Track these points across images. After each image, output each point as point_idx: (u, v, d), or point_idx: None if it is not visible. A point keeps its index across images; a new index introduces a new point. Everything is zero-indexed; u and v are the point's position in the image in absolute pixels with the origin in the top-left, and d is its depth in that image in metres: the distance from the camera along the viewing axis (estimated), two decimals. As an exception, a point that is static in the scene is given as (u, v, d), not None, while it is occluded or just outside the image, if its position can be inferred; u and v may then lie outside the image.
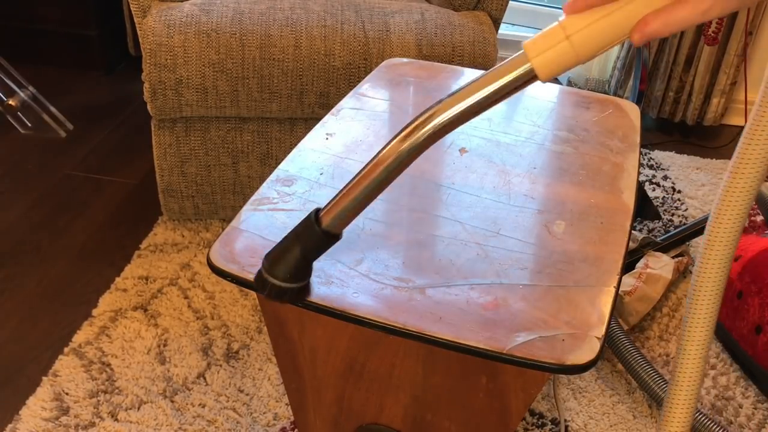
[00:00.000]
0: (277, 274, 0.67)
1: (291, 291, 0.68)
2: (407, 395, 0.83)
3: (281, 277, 0.68)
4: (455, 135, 1.01)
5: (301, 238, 0.67)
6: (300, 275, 0.69)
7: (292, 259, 0.67)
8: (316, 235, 0.66)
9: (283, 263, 0.68)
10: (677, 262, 1.54)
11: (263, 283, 0.68)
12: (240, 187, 1.60)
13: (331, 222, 0.66)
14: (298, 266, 0.68)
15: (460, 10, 1.60)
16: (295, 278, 0.68)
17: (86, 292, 1.47)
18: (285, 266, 0.67)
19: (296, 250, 0.67)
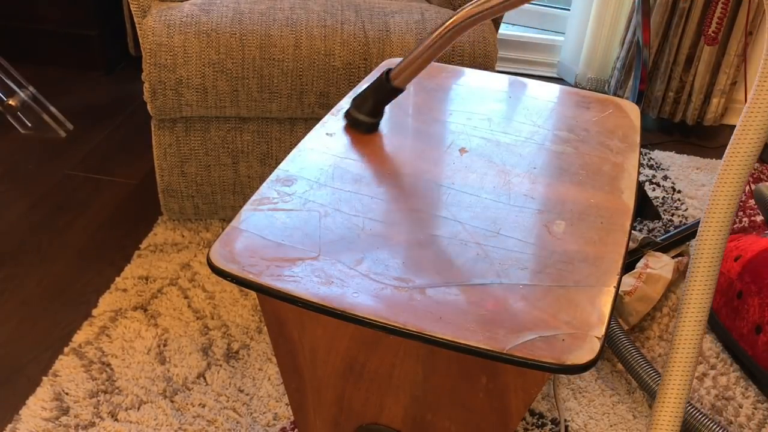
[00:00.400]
0: (360, 111, 1.00)
1: (367, 124, 1.00)
2: (407, 395, 0.83)
3: (365, 113, 0.99)
4: (455, 135, 1.02)
5: (375, 91, 0.98)
6: (376, 113, 1.00)
7: (369, 104, 0.99)
8: (388, 89, 0.97)
9: (365, 106, 0.99)
10: (677, 262, 1.54)
11: (349, 116, 1.00)
12: (240, 187, 1.60)
13: (398, 80, 0.96)
14: (374, 109, 1.00)
15: (460, 10, 1.59)
16: (371, 115, 1.00)
17: (86, 292, 1.47)
18: (365, 108, 0.99)
19: (371, 99, 0.99)
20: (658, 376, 1.26)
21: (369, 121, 0.99)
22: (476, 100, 1.12)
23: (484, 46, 1.48)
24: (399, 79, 0.95)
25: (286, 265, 0.76)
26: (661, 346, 1.43)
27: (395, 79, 0.95)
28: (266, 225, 0.81)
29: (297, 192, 0.87)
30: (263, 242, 0.79)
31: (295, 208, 0.84)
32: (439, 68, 1.23)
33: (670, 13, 2.09)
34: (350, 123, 1.00)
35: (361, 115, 0.99)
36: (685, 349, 0.78)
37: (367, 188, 0.89)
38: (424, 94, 1.13)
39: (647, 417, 1.28)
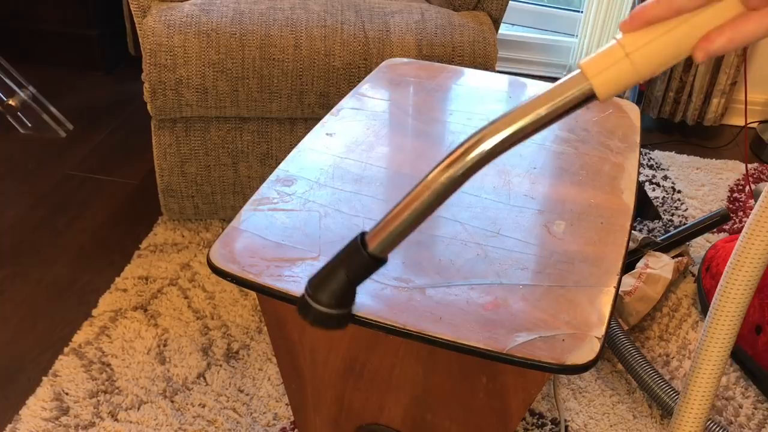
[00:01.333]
0: (321, 300, 0.65)
1: (337, 317, 0.67)
2: (407, 395, 0.83)
3: (326, 303, 0.65)
4: (455, 135, 1.02)
5: (345, 262, 0.65)
6: (345, 301, 0.67)
7: (337, 285, 0.65)
8: (363, 259, 0.64)
9: (328, 289, 0.65)
10: (677, 262, 1.54)
11: (307, 309, 0.66)
12: (240, 187, 1.60)
13: (378, 246, 0.63)
14: (343, 292, 0.66)
15: (460, 10, 1.60)
16: (340, 304, 0.66)
17: (86, 292, 1.47)
18: (329, 292, 0.65)
19: (341, 275, 0.65)
20: (658, 376, 1.26)
21: (334, 312, 0.66)
22: (476, 100, 1.12)
23: (484, 46, 1.48)
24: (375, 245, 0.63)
25: (286, 265, 0.76)
26: (661, 346, 1.43)
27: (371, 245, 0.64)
28: (266, 225, 0.81)
29: (297, 192, 0.87)
30: (263, 242, 0.79)
31: (295, 208, 0.84)
32: (439, 68, 1.23)
33: (670, 13, 2.09)
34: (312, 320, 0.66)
35: (323, 307, 0.66)
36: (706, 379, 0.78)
37: (367, 188, 0.89)
38: (424, 94, 1.13)
39: (647, 417, 1.28)
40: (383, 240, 0.63)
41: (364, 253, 0.63)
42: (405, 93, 1.13)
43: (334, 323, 0.67)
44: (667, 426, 1.26)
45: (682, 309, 1.52)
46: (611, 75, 0.54)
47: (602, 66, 0.54)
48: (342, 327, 0.68)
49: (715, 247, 1.55)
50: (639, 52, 0.53)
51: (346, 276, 0.65)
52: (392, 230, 0.62)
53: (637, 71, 0.54)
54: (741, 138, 2.21)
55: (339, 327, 0.68)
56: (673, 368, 1.38)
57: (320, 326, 0.67)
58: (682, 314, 1.51)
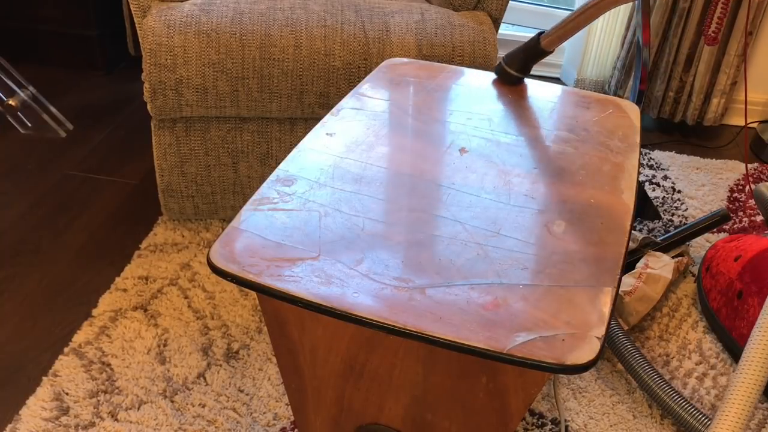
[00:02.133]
0: (511, 66, 1.17)
1: (514, 77, 1.17)
2: (407, 395, 0.83)
3: (513, 68, 1.17)
4: (455, 135, 1.02)
5: (526, 50, 1.17)
6: (522, 70, 1.17)
7: (520, 60, 1.17)
8: (538, 50, 1.17)
9: (515, 62, 1.17)
10: (677, 262, 1.54)
11: (500, 70, 1.19)
12: (240, 187, 1.60)
13: (546, 43, 1.16)
14: (522, 64, 1.17)
15: (460, 10, 1.60)
16: (520, 71, 1.17)
17: (86, 292, 1.47)
18: (516, 63, 1.17)
19: (522, 56, 1.17)
20: (658, 376, 1.26)
21: (516, 75, 1.16)
22: (476, 100, 1.12)
23: (483, 46, 1.48)
24: (548, 41, 1.14)
25: (286, 265, 0.76)
26: (661, 346, 1.43)
27: (545, 41, 1.14)
28: (266, 225, 0.81)
29: (297, 192, 0.87)
30: (263, 242, 0.79)
31: (295, 208, 0.84)
32: (439, 68, 1.23)
33: (670, 13, 2.10)
34: (499, 75, 1.18)
35: (510, 69, 1.16)
36: None
37: (367, 188, 0.89)
38: (424, 94, 1.13)
39: (647, 417, 1.28)
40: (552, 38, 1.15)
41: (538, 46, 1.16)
42: (405, 93, 1.13)
43: (513, 79, 1.18)
44: (667, 426, 1.27)
45: (682, 309, 1.52)
46: None
47: None
48: (518, 84, 1.18)
49: (715, 247, 1.55)
50: None
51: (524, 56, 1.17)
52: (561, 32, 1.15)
53: None
54: (741, 138, 2.21)
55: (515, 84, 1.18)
56: (673, 368, 1.38)
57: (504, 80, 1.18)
58: (682, 314, 1.51)
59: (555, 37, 1.14)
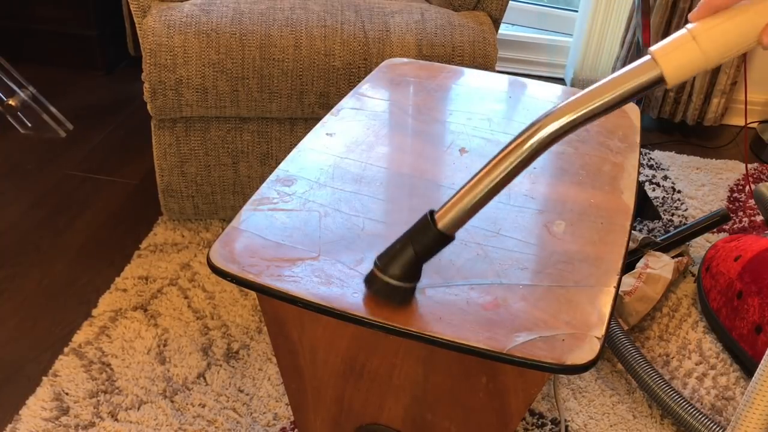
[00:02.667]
0: (390, 273, 0.70)
1: (402, 290, 0.71)
2: (407, 395, 0.83)
3: (395, 276, 0.70)
4: (455, 135, 1.02)
5: (415, 239, 0.69)
6: (411, 275, 0.71)
7: (406, 259, 0.69)
8: (432, 235, 0.68)
9: (397, 262, 0.70)
10: (677, 262, 1.54)
11: (373, 280, 0.71)
12: (240, 187, 1.60)
13: (446, 223, 0.68)
14: (410, 266, 0.70)
15: (460, 10, 1.60)
16: (407, 278, 0.71)
17: (86, 292, 1.47)
18: (398, 265, 0.70)
19: (410, 251, 0.69)
20: (658, 376, 1.26)
21: (401, 285, 0.71)
22: (476, 100, 1.12)
23: (484, 46, 1.48)
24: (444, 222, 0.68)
25: (286, 265, 0.76)
26: (661, 346, 1.43)
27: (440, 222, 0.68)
28: (266, 225, 0.81)
29: (297, 192, 0.87)
30: (263, 242, 0.79)
31: (295, 208, 0.84)
32: (439, 68, 1.23)
33: (670, 13, 2.10)
34: (377, 291, 0.72)
35: (391, 279, 0.70)
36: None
37: (367, 188, 0.89)
38: (424, 94, 1.13)
39: (647, 417, 1.28)
40: (452, 218, 0.67)
41: (433, 229, 0.68)
42: (405, 93, 1.13)
43: (399, 296, 0.71)
44: (667, 426, 1.27)
45: (682, 309, 1.52)
46: (681, 60, 0.57)
47: (671, 52, 0.57)
48: (406, 302, 0.72)
49: (715, 247, 1.55)
50: (706, 35, 0.56)
51: (415, 252, 0.69)
52: (460, 208, 0.67)
53: (705, 56, 0.56)
54: (741, 138, 2.21)
55: (403, 301, 0.72)
56: (673, 368, 1.38)
57: (387, 298, 0.71)
58: (682, 314, 1.51)
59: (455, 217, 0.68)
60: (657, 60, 0.57)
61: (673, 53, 0.57)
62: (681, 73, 0.57)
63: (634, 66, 0.59)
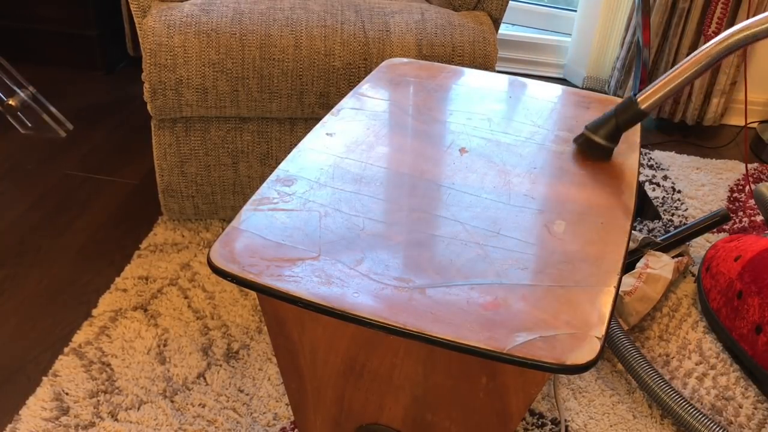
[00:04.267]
0: (598, 133, 0.96)
1: (604, 148, 0.96)
2: (407, 395, 0.83)
3: (600, 136, 0.95)
4: (455, 135, 1.02)
5: (619, 113, 0.95)
6: (612, 138, 0.96)
7: (610, 126, 0.95)
8: (634, 110, 0.94)
9: (604, 127, 0.95)
10: (677, 262, 1.54)
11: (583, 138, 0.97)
12: (240, 187, 1.60)
13: (646, 105, 0.93)
14: (612, 131, 0.95)
15: (460, 10, 1.60)
16: (609, 139, 0.96)
17: (86, 292, 1.47)
18: (604, 129, 0.95)
19: (613, 121, 0.95)
20: (658, 376, 1.26)
21: (606, 144, 0.95)
22: (476, 100, 1.12)
23: (484, 46, 1.48)
24: (647, 102, 0.93)
25: (286, 265, 0.76)
26: (661, 346, 1.43)
27: (643, 103, 0.94)
28: (266, 225, 0.81)
29: (297, 192, 0.87)
30: (263, 242, 0.79)
31: (295, 208, 0.84)
32: (439, 68, 1.23)
33: (670, 13, 2.10)
34: (583, 145, 0.97)
35: (598, 138, 0.95)
36: None
37: (367, 188, 0.89)
38: (424, 94, 1.13)
39: (647, 417, 1.28)
40: (652, 100, 0.92)
41: (637, 107, 0.94)
42: (405, 93, 1.13)
43: (600, 152, 0.96)
44: (667, 426, 1.27)
45: (682, 309, 1.52)
46: None
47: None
48: (605, 158, 0.96)
49: (715, 247, 1.55)
50: None
51: (617, 122, 0.95)
52: (660, 93, 0.92)
53: None
54: (741, 138, 2.21)
55: (603, 156, 0.96)
56: (673, 368, 1.38)
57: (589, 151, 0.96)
58: (682, 314, 1.51)
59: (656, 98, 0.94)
60: None
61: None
62: None
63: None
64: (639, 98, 0.93)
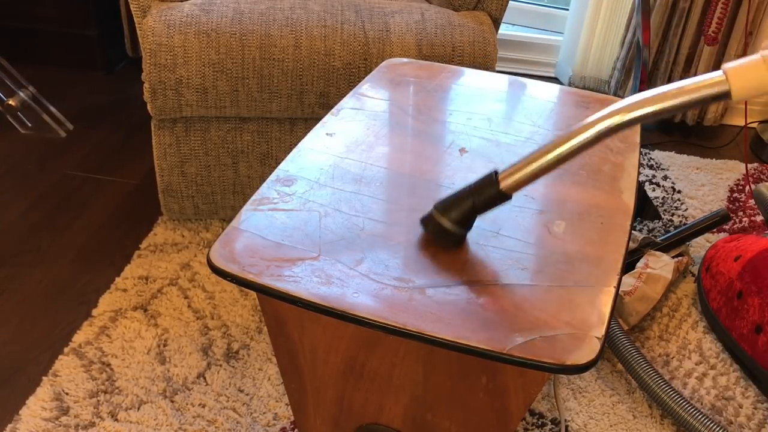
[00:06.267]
0: (448, 216, 0.79)
1: (454, 234, 0.80)
2: (407, 395, 0.83)
3: (451, 219, 0.79)
4: (455, 135, 1.02)
5: (477, 192, 0.78)
6: (465, 223, 0.80)
7: (464, 208, 0.78)
8: (494, 192, 0.77)
9: (455, 209, 0.79)
10: (677, 262, 1.54)
11: (429, 221, 0.81)
12: (240, 187, 1.60)
13: (509, 184, 0.76)
14: (467, 214, 0.79)
15: (460, 10, 1.60)
16: (462, 224, 0.79)
17: (86, 292, 1.47)
18: (456, 212, 0.79)
19: (469, 202, 0.78)
20: (658, 376, 1.26)
21: (454, 229, 0.79)
22: (476, 100, 1.12)
23: (484, 46, 1.48)
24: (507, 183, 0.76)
25: (286, 265, 0.76)
26: (661, 346, 1.43)
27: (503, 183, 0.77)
28: (266, 225, 0.81)
29: (297, 192, 0.87)
30: (263, 242, 0.79)
31: (295, 208, 0.84)
32: (439, 68, 1.23)
33: (670, 13, 2.10)
34: (432, 229, 0.81)
35: (446, 221, 0.79)
36: None
37: (367, 188, 0.89)
38: (424, 94, 1.13)
39: (647, 417, 1.28)
40: (515, 180, 0.76)
41: (496, 187, 0.76)
42: (405, 93, 1.13)
43: (450, 239, 0.80)
44: (667, 426, 1.27)
45: (682, 309, 1.52)
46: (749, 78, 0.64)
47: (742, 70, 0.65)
48: (456, 245, 0.80)
49: (715, 247, 1.55)
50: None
51: (473, 203, 0.78)
52: (524, 173, 0.75)
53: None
54: (741, 138, 2.21)
55: (453, 244, 0.80)
56: (673, 368, 1.38)
57: (437, 238, 0.80)
58: (682, 314, 1.51)
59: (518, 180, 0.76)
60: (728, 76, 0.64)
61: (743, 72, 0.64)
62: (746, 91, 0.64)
63: (704, 78, 0.66)
64: (501, 176, 0.77)
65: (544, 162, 0.74)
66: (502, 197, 0.77)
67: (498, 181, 0.76)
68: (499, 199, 0.77)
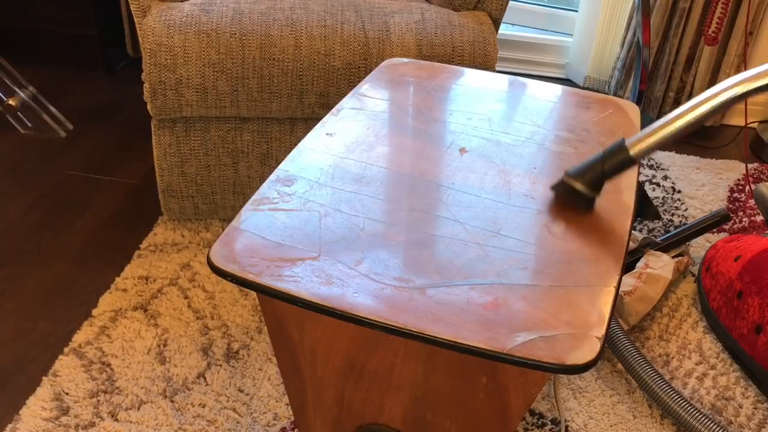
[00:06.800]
0: (581, 180, 0.85)
1: (586, 196, 0.85)
2: (407, 395, 0.83)
3: (583, 182, 0.85)
4: (455, 135, 1.02)
5: (607, 158, 0.85)
6: (596, 186, 0.86)
7: (596, 172, 0.85)
8: (624, 157, 0.84)
9: (588, 173, 0.85)
10: (677, 262, 1.54)
11: (562, 187, 0.87)
12: (240, 187, 1.60)
13: (637, 151, 0.83)
14: (597, 178, 0.85)
15: (460, 10, 1.60)
16: (592, 187, 0.85)
17: (86, 292, 1.47)
18: (588, 175, 0.85)
19: (600, 166, 0.85)
20: (658, 376, 1.26)
21: (588, 193, 0.85)
22: (476, 100, 1.12)
23: (484, 46, 1.48)
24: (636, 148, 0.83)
25: (286, 265, 0.76)
26: (661, 346, 1.43)
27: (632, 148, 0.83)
28: (266, 225, 0.81)
29: (297, 192, 0.87)
30: (263, 242, 0.79)
31: (295, 208, 0.84)
32: (439, 68, 1.23)
33: (670, 13, 2.10)
34: (563, 193, 0.87)
35: (579, 185, 0.85)
36: None
37: (367, 188, 0.89)
38: (424, 94, 1.13)
39: (647, 417, 1.28)
40: (644, 147, 0.82)
41: (626, 153, 0.83)
42: (405, 93, 1.13)
43: (582, 200, 0.85)
44: (667, 426, 1.27)
45: (682, 309, 1.52)
46: None
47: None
48: (587, 208, 0.86)
49: (715, 247, 1.55)
50: None
51: (602, 168, 0.85)
52: (653, 140, 0.82)
53: None
54: (741, 138, 2.21)
55: (585, 207, 0.86)
56: (673, 368, 1.38)
57: (568, 201, 0.86)
58: (682, 314, 1.51)
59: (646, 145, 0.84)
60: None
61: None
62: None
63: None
64: (629, 143, 0.84)
65: (670, 130, 0.80)
66: (630, 162, 0.84)
67: (626, 148, 0.83)
68: (628, 164, 0.84)
